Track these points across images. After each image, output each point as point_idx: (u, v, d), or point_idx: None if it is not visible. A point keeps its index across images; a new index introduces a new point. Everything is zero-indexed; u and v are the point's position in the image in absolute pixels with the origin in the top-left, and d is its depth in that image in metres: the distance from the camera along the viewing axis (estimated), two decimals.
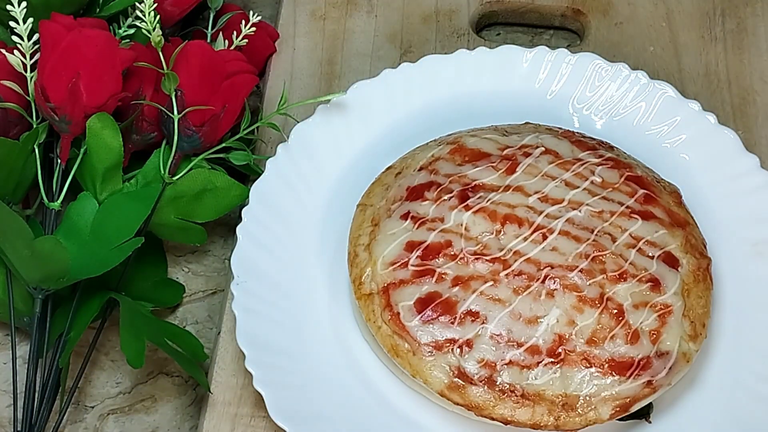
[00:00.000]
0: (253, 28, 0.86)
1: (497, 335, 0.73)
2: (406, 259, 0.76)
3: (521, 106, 0.88)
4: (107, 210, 0.80)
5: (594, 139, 0.83)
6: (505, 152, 0.80)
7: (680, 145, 0.86)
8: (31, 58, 0.80)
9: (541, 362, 0.73)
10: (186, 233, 0.83)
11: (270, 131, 0.89)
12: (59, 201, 0.80)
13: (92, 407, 0.81)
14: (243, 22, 0.86)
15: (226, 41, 0.88)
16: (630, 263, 0.75)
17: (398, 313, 0.75)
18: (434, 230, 0.77)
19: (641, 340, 0.73)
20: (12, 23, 0.78)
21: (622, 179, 0.79)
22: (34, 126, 0.81)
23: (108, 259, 0.77)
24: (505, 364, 0.73)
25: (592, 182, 0.79)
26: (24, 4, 0.78)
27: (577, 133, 0.83)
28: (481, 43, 0.96)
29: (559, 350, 0.73)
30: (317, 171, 0.85)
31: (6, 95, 0.80)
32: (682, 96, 0.87)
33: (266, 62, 0.95)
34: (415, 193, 0.79)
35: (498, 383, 0.72)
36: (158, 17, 0.79)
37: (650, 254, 0.76)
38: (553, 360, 0.73)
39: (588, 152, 0.81)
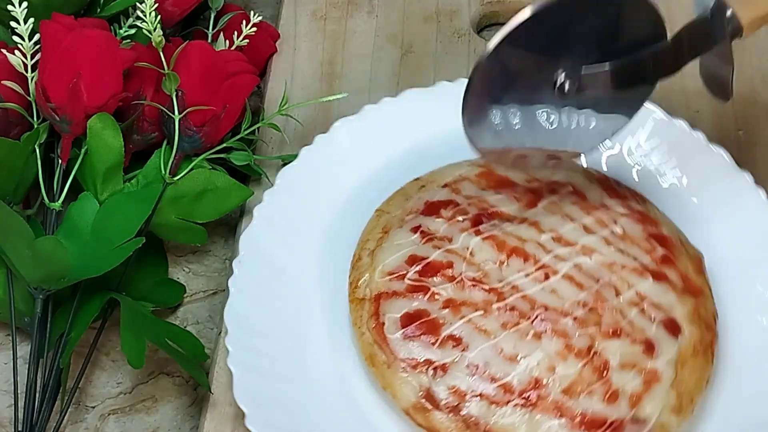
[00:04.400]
0: (254, 29, 0.86)
1: (474, 365, 0.72)
2: (405, 272, 0.75)
3: None
4: (108, 210, 0.80)
5: (629, 189, 0.81)
6: (531, 185, 0.79)
7: (676, 169, 0.84)
8: (31, 59, 0.80)
9: (511, 401, 0.71)
10: (187, 233, 0.83)
11: (271, 131, 0.89)
12: (60, 201, 0.80)
13: (93, 407, 0.81)
14: (244, 22, 0.87)
15: (227, 41, 0.88)
16: (628, 321, 0.73)
17: (383, 324, 0.74)
18: (439, 249, 0.76)
19: (619, 402, 0.71)
20: (13, 23, 0.78)
21: (644, 235, 0.77)
22: (35, 126, 0.81)
23: (109, 260, 0.77)
24: (475, 396, 0.71)
25: (612, 232, 0.77)
26: (25, 4, 0.78)
27: (612, 179, 0.81)
28: (482, 44, 0.96)
29: (533, 394, 0.71)
30: (306, 215, 0.82)
31: (7, 95, 0.80)
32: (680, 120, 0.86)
33: (267, 62, 0.95)
34: (432, 209, 0.78)
35: (463, 413, 0.71)
36: (159, 17, 0.79)
37: (652, 316, 0.73)
38: (523, 402, 0.71)
39: (617, 200, 0.79)
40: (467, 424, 0.71)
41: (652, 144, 0.85)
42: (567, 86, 0.70)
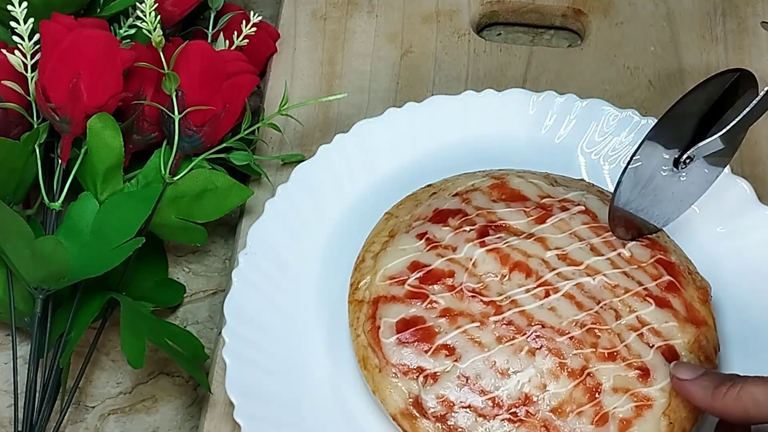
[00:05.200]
0: (254, 28, 0.86)
1: (465, 377, 0.71)
2: (406, 278, 0.75)
3: (527, 149, 0.86)
4: (108, 210, 0.80)
5: None
6: (543, 201, 0.78)
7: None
8: (31, 58, 0.80)
9: (498, 416, 0.70)
10: (187, 233, 0.83)
11: (271, 131, 0.89)
12: (60, 201, 0.80)
13: (93, 407, 0.81)
14: (244, 22, 0.86)
15: (227, 41, 0.88)
16: (625, 345, 0.72)
17: (378, 327, 0.74)
18: (443, 257, 0.75)
19: (608, 425, 0.70)
20: (13, 23, 0.78)
21: (652, 260, 0.76)
22: (35, 126, 0.81)
23: (109, 259, 0.77)
24: (463, 407, 0.71)
25: (619, 254, 0.76)
26: (25, 4, 0.78)
27: None
28: (482, 44, 0.96)
29: (521, 410, 0.70)
30: (316, 213, 0.83)
31: (7, 95, 0.80)
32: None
33: (267, 62, 0.95)
34: (440, 217, 0.78)
35: (450, 423, 0.71)
36: (159, 17, 0.79)
37: (650, 343, 0.72)
38: (511, 417, 0.70)
39: None
40: None
41: None
42: (683, 161, 0.74)
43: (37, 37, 0.80)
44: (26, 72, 0.80)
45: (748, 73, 0.74)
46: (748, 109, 0.72)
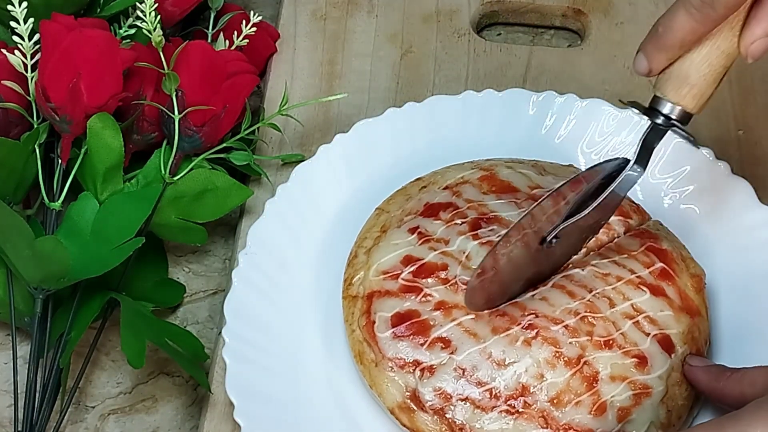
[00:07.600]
0: (254, 28, 0.86)
1: (461, 368, 0.71)
2: (399, 272, 0.75)
3: (527, 149, 0.85)
4: (108, 210, 0.80)
5: (633, 203, 0.80)
6: (534, 192, 0.78)
7: (687, 197, 0.83)
8: (31, 58, 0.80)
9: (496, 407, 0.70)
10: (187, 233, 0.83)
11: (271, 131, 0.89)
12: (60, 201, 0.80)
13: (93, 407, 0.81)
14: (244, 22, 0.87)
15: (227, 41, 0.88)
16: (621, 333, 0.72)
17: (374, 322, 0.74)
18: (435, 251, 0.75)
19: (607, 414, 0.70)
20: (13, 23, 0.78)
21: (642, 248, 0.76)
22: (35, 126, 0.81)
23: (109, 259, 0.77)
24: (461, 400, 0.71)
25: (608, 246, 0.76)
26: (25, 4, 0.78)
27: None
28: (482, 43, 0.96)
29: (519, 401, 0.70)
30: (315, 213, 0.83)
31: (7, 95, 0.80)
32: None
33: (267, 62, 0.95)
34: (431, 211, 0.78)
35: (448, 416, 0.71)
36: (159, 17, 0.79)
37: (646, 331, 0.72)
38: (509, 409, 0.70)
39: (617, 217, 0.78)
40: (451, 427, 0.71)
41: (674, 171, 0.84)
42: (553, 240, 0.73)
43: (37, 37, 0.80)
44: (26, 72, 0.80)
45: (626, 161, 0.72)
46: (601, 199, 0.71)
